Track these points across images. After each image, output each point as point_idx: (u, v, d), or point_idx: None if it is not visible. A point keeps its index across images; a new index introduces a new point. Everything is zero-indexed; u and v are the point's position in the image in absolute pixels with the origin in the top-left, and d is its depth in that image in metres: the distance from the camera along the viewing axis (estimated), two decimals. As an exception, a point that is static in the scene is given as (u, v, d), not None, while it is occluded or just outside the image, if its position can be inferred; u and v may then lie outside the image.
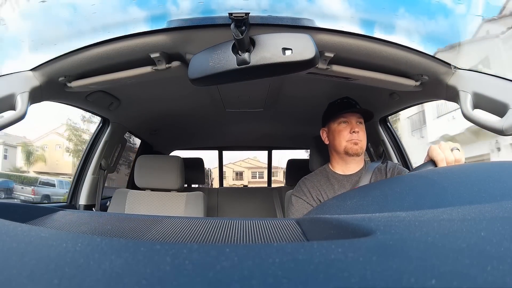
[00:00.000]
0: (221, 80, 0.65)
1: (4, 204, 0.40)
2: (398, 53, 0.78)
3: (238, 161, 7.98)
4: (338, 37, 0.74)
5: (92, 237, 0.22)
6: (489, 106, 0.70)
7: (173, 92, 1.27)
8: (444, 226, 0.22)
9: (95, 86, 0.92)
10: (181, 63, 0.83)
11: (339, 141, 0.98)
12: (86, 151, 1.43)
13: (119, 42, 0.76)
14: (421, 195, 0.38)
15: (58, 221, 0.41)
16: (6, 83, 0.74)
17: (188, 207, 1.34)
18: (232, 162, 7.79)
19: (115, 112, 1.35)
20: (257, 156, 7.50)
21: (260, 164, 7.50)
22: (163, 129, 1.83)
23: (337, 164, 1.03)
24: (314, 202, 0.97)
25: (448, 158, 0.69)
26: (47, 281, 0.14)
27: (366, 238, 0.20)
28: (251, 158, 7.99)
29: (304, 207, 0.97)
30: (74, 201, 1.38)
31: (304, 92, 1.27)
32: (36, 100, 0.82)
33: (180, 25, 0.74)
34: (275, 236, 0.32)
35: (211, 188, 2.63)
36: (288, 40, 0.57)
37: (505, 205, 0.26)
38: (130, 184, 1.88)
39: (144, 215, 0.45)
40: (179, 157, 1.41)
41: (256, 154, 7.40)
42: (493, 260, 0.15)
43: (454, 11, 0.76)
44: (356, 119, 0.99)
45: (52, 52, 0.79)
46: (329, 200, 0.62)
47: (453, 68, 0.79)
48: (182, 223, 0.38)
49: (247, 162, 8.12)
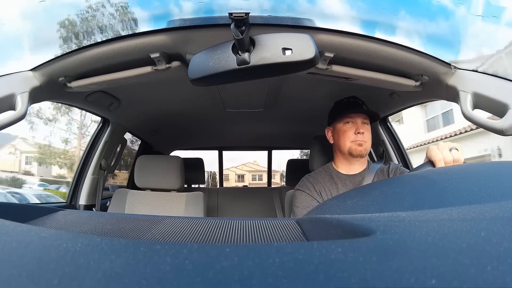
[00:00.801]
0: (221, 80, 0.65)
1: (4, 204, 0.40)
2: (398, 53, 0.78)
3: (239, 165, 8.52)
4: (338, 37, 0.74)
5: (92, 237, 0.22)
6: (489, 106, 0.70)
7: (173, 92, 1.27)
8: (444, 226, 0.22)
9: (95, 86, 0.92)
10: (181, 63, 0.83)
11: (344, 141, 0.98)
12: (86, 151, 1.43)
13: (119, 42, 0.76)
14: (421, 195, 0.38)
15: (58, 221, 0.41)
16: (6, 83, 0.74)
17: (188, 207, 1.34)
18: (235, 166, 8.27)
19: (115, 112, 1.35)
20: (257, 160, 8.07)
21: (259, 168, 8.22)
22: (163, 129, 1.83)
23: (340, 164, 1.03)
24: (318, 196, 0.97)
25: (446, 158, 0.69)
26: (47, 281, 0.14)
27: (366, 238, 0.20)
28: (251, 162, 8.50)
29: (307, 200, 0.97)
30: (74, 201, 1.38)
31: (304, 92, 1.27)
32: (36, 100, 0.82)
33: (180, 25, 0.74)
34: (275, 236, 0.32)
35: (211, 188, 2.63)
36: (288, 40, 0.57)
37: (505, 205, 0.26)
38: (130, 184, 1.88)
39: (144, 215, 0.45)
40: (179, 157, 1.41)
41: (256, 158, 8.11)
42: (493, 260, 0.15)
43: (454, 11, 0.76)
44: (362, 119, 0.99)
45: (52, 52, 0.79)
46: (329, 200, 0.62)
47: (453, 68, 0.79)
48: (182, 223, 0.38)
49: (248, 166, 8.62)
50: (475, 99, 0.72)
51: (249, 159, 8.49)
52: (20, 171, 7.42)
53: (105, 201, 1.52)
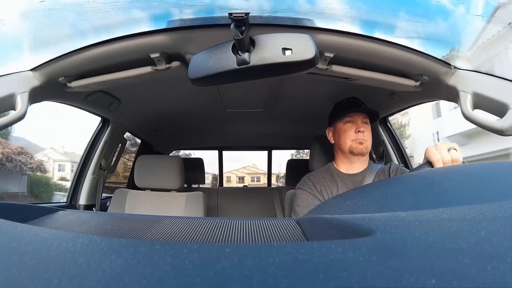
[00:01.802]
0: (221, 80, 0.65)
1: (4, 204, 0.40)
2: (398, 53, 0.78)
3: (240, 168, 9.17)
4: (338, 37, 0.74)
5: (92, 237, 0.22)
6: (489, 106, 0.70)
7: (173, 92, 1.27)
8: (444, 226, 0.22)
9: (95, 86, 0.92)
10: (181, 63, 0.83)
11: (344, 140, 0.99)
12: (86, 151, 1.43)
13: (119, 42, 0.76)
14: (421, 195, 0.38)
15: (58, 221, 0.41)
16: (6, 83, 0.74)
17: (188, 207, 1.34)
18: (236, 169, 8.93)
19: (115, 112, 1.35)
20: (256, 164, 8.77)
21: (257, 171, 8.94)
22: (163, 129, 1.83)
23: (341, 163, 1.04)
24: (318, 194, 0.98)
25: (444, 158, 0.69)
26: (47, 281, 0.14)
27: (366, 238, 0.20)
28: (251, 165, 9.27)
29: (308, 198, 0.97)
30: (74, 201, 1.38)
31: (304, 92, 1.27)
32: (36, 100, 0.82)
33: (180, 25, 0.74)
34: (275, 236, 0.32)
35: (211, 188, 2.63)
36: (288, 40, 0.57)
37: (505, 205, 0.26)
38: (130, 184, 1.88)
39: (144, 215, 0.45)
40: (179, 157, 1.41)
41: (255, 162, 8.87)
42: (493, 260, 0.15)
43: (454, 11, 0.76)
44: (362, 119, 1.00)
45: (52, 52, 0.79)
46: (329, 200, 0.62)
47: (453, 68, 0.79)
48: (182, 223, 0.38)
49: (247, 169, 9.28)
50: (475, 99, 0.72)
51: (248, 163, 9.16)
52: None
53: (105, 201, 1.52)
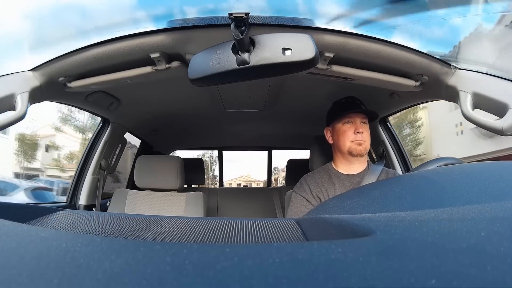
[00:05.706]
0: (221, 80, 0.65)
1: (4, 204, 0.40)
2: (398, 53, 0.78)
3: (237, 177, 10.40)
4: (338, 37, 0.74)
5: (92, 237, 0.22)
6: (489, 106, 0.70)
7: (173, 92, 1.27)
8: (444, 226, 0.22)
9: (95, 86, 0.92)
10: (181, 63, 0.83)
11: (343, 141, 0.98)
12: (86, 151, 1.43)
13: (119, 42, 0.76)
14: (421, 195, 0.38)
15: (58, 221, 0.41)
16: (6, 83, 0.74)
17: (188, 207, 1.34)
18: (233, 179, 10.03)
19: (115, 112, 1.34)
20: (249, 174, 10.17)
21: (250, 179, 10.08)
22: (163, 129, 1.83)
23: (340, 164, 1.03)
24: (313, 199, 0.97)
25: None
26: (47, 281, 0.14)
27: (366, 238, 0.20)
28: (245, 175, 10.36)
29: (302, 204, 0.97)
30: (74, 201, 1.38)
31: (304, 92, 1.27)
32: (36, 100, 0.82)
33: (180, 25, 0.74)
34: (275, 236, 0.32)
35: (211, 188, 2.63)
36: (288, 40, 0.57)
37: (505, 205, 0.26)
38: (130, 184, 1.88)
39: (144, 215, 0.45)
40: (179, 157, 1.41)
41: (249, 172, 10.10)
42: (493, 260, 0.15)
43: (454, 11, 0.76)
44: (360, 119, 0.99)
45: (52, 52, 0.79)
46: (329, 200, 0.62)
47: (453, 68, 0.79)
48: (182, 223, 0.38)
49: (243, 178, 10.41)
50: (475, 99, 0.72)
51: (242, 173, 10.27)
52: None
53: (105, 201, 1.52)
